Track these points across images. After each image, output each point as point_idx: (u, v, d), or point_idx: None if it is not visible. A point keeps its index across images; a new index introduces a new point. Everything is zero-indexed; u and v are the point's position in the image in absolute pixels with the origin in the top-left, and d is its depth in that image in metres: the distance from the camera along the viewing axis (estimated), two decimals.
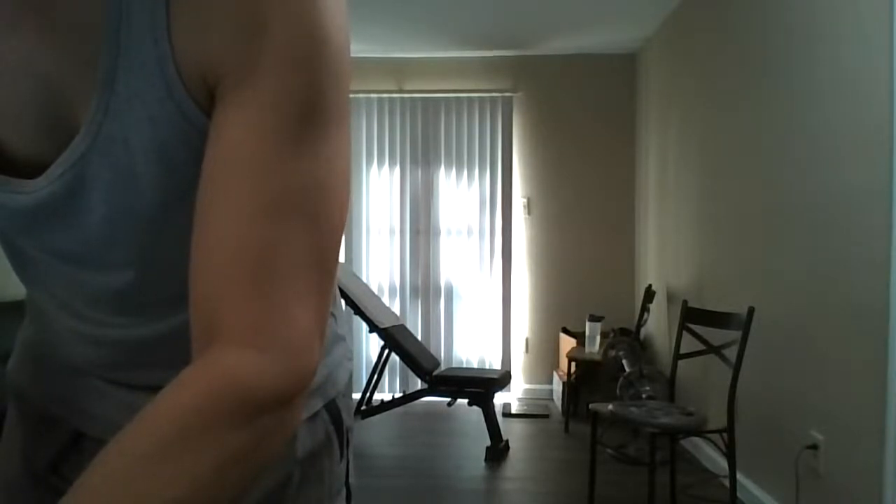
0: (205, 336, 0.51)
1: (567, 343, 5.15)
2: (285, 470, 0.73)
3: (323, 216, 0.54)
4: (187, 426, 0.45)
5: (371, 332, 4.33)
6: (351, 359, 0.85)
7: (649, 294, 4.70)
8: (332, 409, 0.78)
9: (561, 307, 5.54)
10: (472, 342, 5.59)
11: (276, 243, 0.52)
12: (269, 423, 0.49)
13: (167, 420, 0.46)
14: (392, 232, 5.62)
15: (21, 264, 0.69)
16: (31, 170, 0.57)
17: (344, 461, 0.80)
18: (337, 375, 0.79)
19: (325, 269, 0.55)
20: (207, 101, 0.54)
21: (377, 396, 4.63)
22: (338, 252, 0.57)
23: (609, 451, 3.81)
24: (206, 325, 0.51)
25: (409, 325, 5.07)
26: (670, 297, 4.52)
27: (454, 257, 5.59)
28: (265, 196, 0.52)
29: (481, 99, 5.58)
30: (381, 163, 5.63)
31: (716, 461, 3.49)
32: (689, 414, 2.84)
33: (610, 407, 2.95)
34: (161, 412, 0.46)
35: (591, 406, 3.07)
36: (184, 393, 0.47)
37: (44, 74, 0.54)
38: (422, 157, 5.60)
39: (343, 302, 4.12)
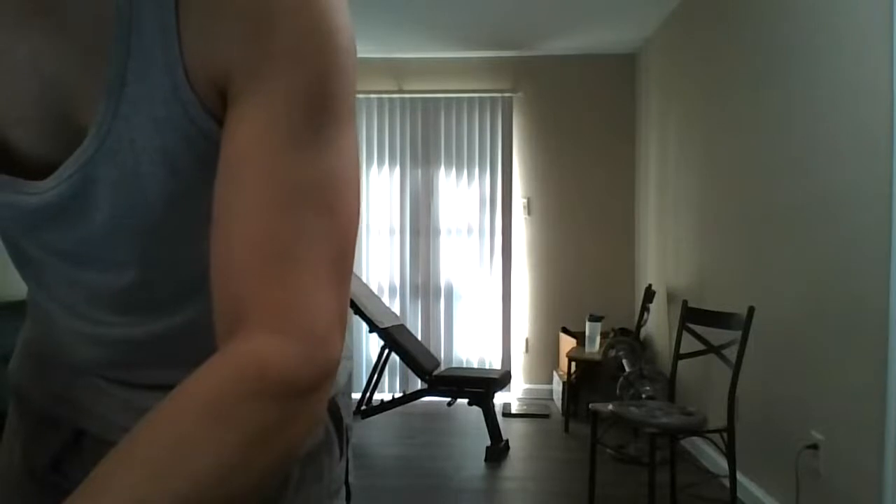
0: (229, 326, 0.52)
1: (567, 343, 5.15)
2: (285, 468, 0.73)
3: (339, 206, 0.55)
4: (213, 406, 0.46)
5: (371, 332, 4.34)
6: (350, 358, 0.85)
7: (649, 294, 4.70)
8: (332, 407, 0.78)
9: (561, 307, 5.54)
10: (472, 342, 5.59)
11: (295, 234, 0.52)
12: (293, 406, 0.50)
13: (193, 401, 0.46)
14: (392, 232, 5.63)
15: (24, 264, 0.70)
16: (38, 170, 0.58)
17: (343, 460, 0.81)
18: (336, 374, 0.79)
19: (345, 258, 0.56)
20: (216, 102, 0.55)
21: (377, 396, 4.63)
22: (354, 242, 0.57)
23: (609, 450, 3.81)
24: (230, 316, 0.52)
25: (409, 325, 5.08)
26: (670, 297, 4.52)
27: (454, 257, 5.60)
28: (282, 189, 0.52)
29: (481, 99, 5.58)
30: (381, 163, 5.63)
31: (716, 461, 3.49)
32: (689, 414, 2.84)
33: (610, 407, 2.95)
34: (187, 394, 0.47)
35: (591, 406, 3.07)
36: (210, 376, 0.48)
37: (52, 76, 0.55)
38: (422, 157, 5.60)
39: None
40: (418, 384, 4.59)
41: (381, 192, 5.64)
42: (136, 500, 0.41)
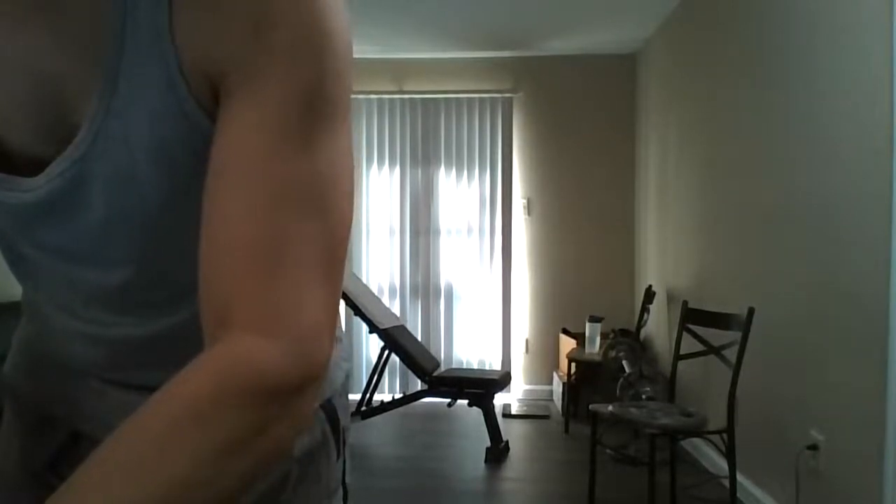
0: (216, 326, 0.51)
1: (567, 344, 5.14)
2: (282, 469, 0.73)
3: (330, 208, 0.55)
4: (196, 409, 0.46)
5: (371, 332, 4.33)
6: (347, 359, 0.85)
7: (649, 295, 4.70)
8: (329, 408, 0.78)
9: (561, 308, 5.54)
10: (472, 343, 5.59)
11: (285, 235, 0.52)
12: (278, 409, 0.49)
13: (177, 401, 0.46)
14: (392, 232, 5.62)
15: (18, 264, 0.69)
16: (31, 167, 0.58)
17: (341, 460, 0.81)
18: (333, 375, 0.79)
19: (335, 261, 0.55)
20: (210, 99, 0.54)
21: (377, 397, 4.62)
22: (346, 244, 0.57)
23: (609, 451, 3.81)
24: (217, 315, 0.51)
25: (409, 326, 5.07)
26: (670, 298, 4.52)
27: (454, 257, 5.59)
28: (273, 189, 0.52)
29: (481, 99, 5.58)
30: (381, 163, 5.63)
31: (716, 462, 3.49)
32: (689, 415, 2.84)
33: (610, 408, 2.94)
34: (170, 396, 0.47)
35: (591, 407, 3.07)
36: (194, 376, 0.48)
37: (45, 72, 0.54)
38: (422, 157, 5.60)
39: (342, 303, 4.13)
40: (418, 385, 4.59)
41: (381, 192, 5.63)
42: (116, 502, 0.41)
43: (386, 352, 4.47)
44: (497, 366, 5.50)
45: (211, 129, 0.54)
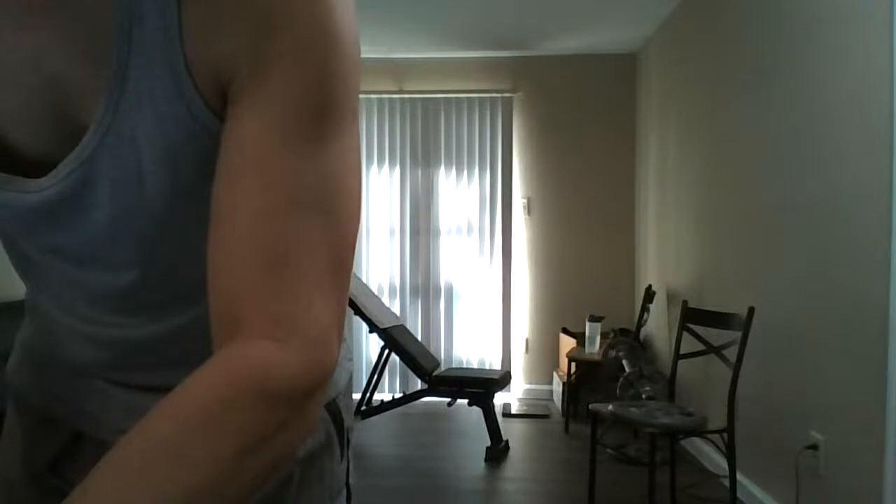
0: (225, 330, 0.51)
1: (567, 343, 5.14)
2: (286, 470, 0.73)
3: (338, 210, 0.55)
4: (208, 413, 0.46)
5: (371, 332, 4.33)
6: (351, 359, 0.85)
7: (649, 294, 4.70)
8: (333, 409, 0.78)
9: (561, 307, 5.54)
10: (472, 342, 5.59)
11: (293, 238, 0.52)
12: (288, 413, 0.50)
13: (188, 407, 0.46)
14: (392, 232, 5.62)
15: (23, 264, 0.69)
16: (37, 168, 0.57)
17: (344, 461, 0.80)
18: (337, 375, 0.79)
19: (342, 263, 0.55)
20: (218, 100, 0.54)
21: (377, 397, 4.63)
22: (354, 246, 0.57)
23: (609, 451, 3.81)
24: (227, 319, 0.51)
25: (409, 325, 5.07)
26: (670, 298, 4.52)
27: (454, 257, 5.59)
28: (281, 192, 0.52)
29: (481, 99, 5.58)
30: (381, 163, 5.63)
31: (716, 461, 3.49)
32: (689, 414, 2.84)
33: (610, 407, 2.95)
34: (182, 399, 0.47)
35: (591, 406, 3.07)
36: (205, 381, 0.48)
37: (52, 73, 0.54)
38: (422, 157, 5.60)
39: None
40: (418, 384, 4.59)
41: (381, 192, 5.63)
42: None
43: (386, 351, 4.48)
44: (497, 365, 5.50)
45: (219, 129, 0.54)
